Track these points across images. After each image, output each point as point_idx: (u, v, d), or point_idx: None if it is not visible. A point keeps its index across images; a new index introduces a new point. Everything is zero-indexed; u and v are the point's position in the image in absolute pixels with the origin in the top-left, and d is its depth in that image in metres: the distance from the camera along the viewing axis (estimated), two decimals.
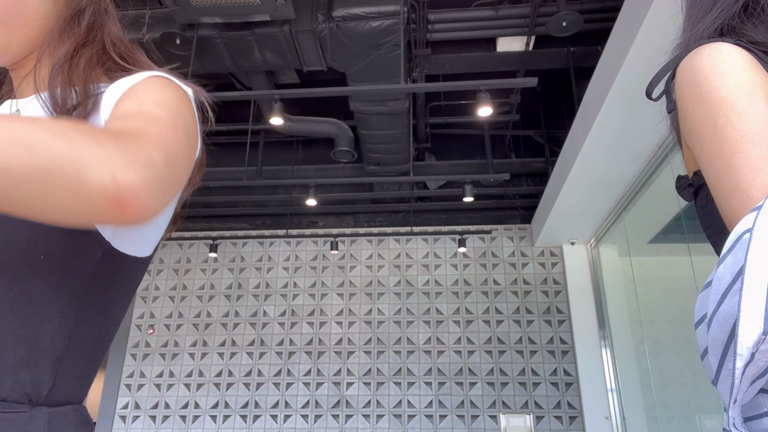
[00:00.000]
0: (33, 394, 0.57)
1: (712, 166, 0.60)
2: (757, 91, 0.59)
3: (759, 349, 0.47)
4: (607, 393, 4.89)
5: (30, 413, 0.56)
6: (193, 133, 0.66)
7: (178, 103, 0.66)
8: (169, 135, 0.58)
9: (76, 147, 0.46)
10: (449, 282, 5.50)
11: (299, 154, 5.72)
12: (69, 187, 0.46)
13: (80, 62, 0.71)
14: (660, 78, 0.73)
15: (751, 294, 0.47)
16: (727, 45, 0.64)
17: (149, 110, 0.61)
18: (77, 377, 0.63)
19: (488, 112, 3.25)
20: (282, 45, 3.68)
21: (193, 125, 0.68)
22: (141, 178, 0.49)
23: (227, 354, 5.45)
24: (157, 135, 0.56)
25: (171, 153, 0.56)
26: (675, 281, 4.00)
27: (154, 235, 0.72)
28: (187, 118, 0.66)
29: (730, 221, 0.58)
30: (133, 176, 0.48)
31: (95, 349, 0.66)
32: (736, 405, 0.50)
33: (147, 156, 0.51)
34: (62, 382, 0.60)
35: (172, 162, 0.56)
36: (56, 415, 0.58)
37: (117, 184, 0.47)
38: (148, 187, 0.50)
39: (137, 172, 0.49)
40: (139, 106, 0.61)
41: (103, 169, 0.47)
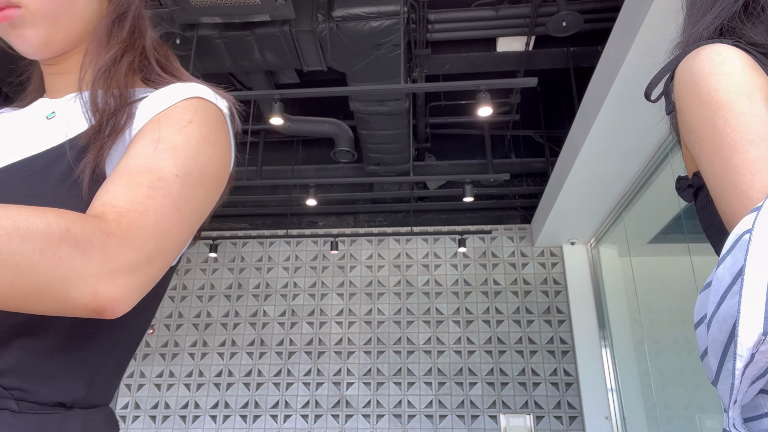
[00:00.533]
0: (68, 400, 0.58)
1: (711, 167, 0.60)
2: (755, 92, 0.60)
3: (759, 349, 0.47)
4: (607, 393, 4.89)
5: (65, 415, 0.57)
6: (213, 168, 0.65)
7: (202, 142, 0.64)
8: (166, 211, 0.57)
9: (63, 266, 0.48)
10: (449, 282, 5.50)
11: (299, 154, 5.72)
12: (53, 302, 0.49)
13: (122, 67, 0.71)
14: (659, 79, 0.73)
15: (751, 295, 0.47)
16: (726, 46, 0.64)
17: (160, 167, 0.59)
18: (108, 381, 0.65)
19: (488, 112, 3.25)
20: (282, 45, 3.68)
21: (220, 157, 0.66)
22: (122, 289, 0.51)
23: (227, 354, 5.45)
24: (151, 221, 0.55)
25: (164, 240, 0.56)
26: (675, 281, 4.00)
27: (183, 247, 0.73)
28: (210, 154, 0.64)
29: (730, 222, 0.58)
30: (114, 289, 0.51)
31: (125, 354, 0.68)
32: (736, 405, 0.50)
33: (131, 259, 0.52)
34: (95, 386, 0.62)
35: (164, 250, 0.56)
36: (89, 417, 0.60)
37: (97, 298, 0.50)
38: (128, 293, 0.52)
39: (118, 283, 0.51)
40: (151, 160, 0.60)
41: (86, 286, 0.49)
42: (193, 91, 0.68)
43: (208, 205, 0.65)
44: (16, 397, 0.54)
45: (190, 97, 0.67)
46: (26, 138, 0.68)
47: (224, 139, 0.68)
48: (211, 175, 0.64)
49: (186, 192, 0.60)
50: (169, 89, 0.68)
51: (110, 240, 0.51)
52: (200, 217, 0.64)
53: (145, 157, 0.60)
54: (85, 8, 0.70)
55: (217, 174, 0.65)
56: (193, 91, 0.68)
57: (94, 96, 0.67)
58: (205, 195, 0.63)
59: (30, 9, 0.65)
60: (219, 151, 0.66)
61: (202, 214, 0.64)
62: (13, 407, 0.54)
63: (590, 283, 5.26)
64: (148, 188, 0.57)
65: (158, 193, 0.57)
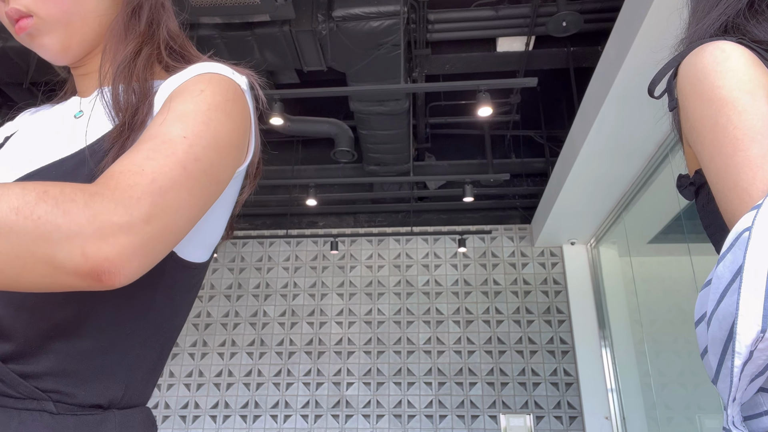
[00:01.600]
0: (105, 401, 0.58)
1: (712, 164, 0.60)
2: (758, 89, 0.59)
3: (757, 347, 0.47)
4: (607, 393, 4.89)
5: (102, 416, 0.57)
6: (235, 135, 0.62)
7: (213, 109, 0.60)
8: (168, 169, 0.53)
9: (42, 225, 0.45)
10: (449, 282, 5.50)
11: (299, 154, 5.72)
12: (42, 268, 0.45)
13: (141, 61, 0.69)
14: (662, 76, 0.73)
15: (750, 292, 0.47)
16: (730, 43, 0.64)
17: (163, 133, 0.56)
18: (145, 380, 0.64)
19: (488, 112, 3.25)
20: (282, 45, 3.68)
21: (233, 125, 0.62)
22: (115, 248, 0.47)
23: (227, 354, 5.45)
24: (148, 179, 0.51)
25: (165, 198, 0.51)
26: (675, 281, 4.00)
27: (213, 240, 0.72)
28: (219, 125, 0.60)
29: (731, 220, 0.58)
30: (107, 248, 0.46)
31: (161, 354, 0.67)
32: (735, 403, 0.50)
33: (124, 219, 0.48)
34: (131, 386, 0.62)
35: (166, 208, 0.51)
36: (126, 417, 0.60)
37: (87, 258, 0.46)
38: (125, 255, 0.47)
39: (111, 242, 0.46)
40: (156, 129, 0.57)
41: (73, 245, 0.45)
42: (208, 67, 0.66)
43: (223, 172, 0.60)
44: (54, 399, 0.55)
45: (204, 72, 0.65)
46: (56, 138, 0.68)
47: (241, 111, 0.64)
48: (225, 141, 0.60)
49: (195, 152, 0.56)
50: (185, 71, 0.67)
51: (95, 198, 0.48)
52: (215, 181, 0.58)
53: (153, 128, 0.58)
54: (97, 6, 0.70)
55: (231, 142, 0.61)
56: (208, 68, 0.66)
57: (115, 93, 0.66)
58: (219, 159, 0.58)
59: (41, 17, 0.66)
60: (234, 121, 0.62)
61: (217, 179, 0.58)
62: (51, 409, 0.54)
63: (590, 283, 5.26)
64: (149, 150, 0.54)
65: (160, 153, 0.53)
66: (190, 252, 0.67)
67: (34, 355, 0.55)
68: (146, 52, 0.71)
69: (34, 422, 0.53)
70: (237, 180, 0.71)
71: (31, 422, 0.53)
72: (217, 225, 0.72)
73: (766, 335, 0.46)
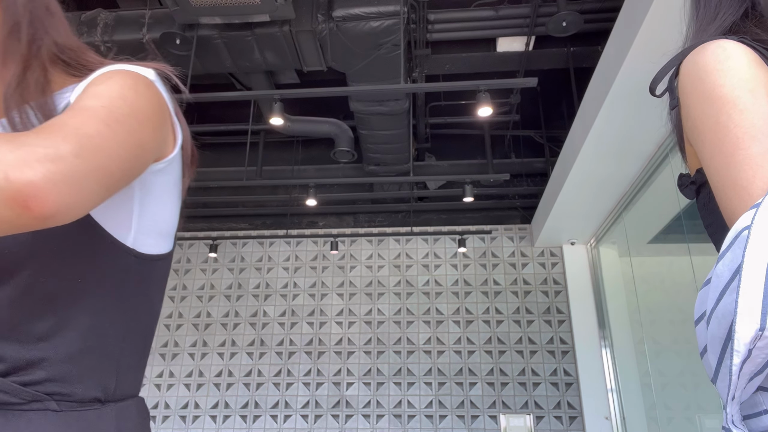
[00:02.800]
0: (102, 395, 0.64)
1: (713, 162, 0.61)
2: (759, 88, 0.60)
3: (756, 345, 0.47)
4: (607, 393, 4.89)
5: (100, 410, 0.63)
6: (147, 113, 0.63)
7: (123, 89, 0.62)
8: (91, 123, 0.55)
9: None
10: (449, 282, 5.50)
11: (299, 154, 5.72)
12: None
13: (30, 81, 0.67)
14: (663, 74, 0.73)
15: (749, 291, 0.47)
16: (731, 42, 0.64)
17: (78, 106, 0.58)
18: (133, 371, 0.70)
19: (488, 112, 3.25)
20: (282, 45, 3.68)
21: (153, 105, 0.65)
22: (40, 174, 0.48)
23: (227, 354, 5.45)
24: (72, 127, 0.53)
25: (91, 140, 0.53)
26: (675, 281, 4.00)
27: (168, 227, 0.74)
28: (135, 100, 0.62)
29: (730, 218, 0.58)
30: (30, 173, 0.47)
31: (144, 344, 0.72)
32: (734, 402, 0.50)
33: (50, 150, 0.49)
34: (123, 379, 0.67)
35: (94, 149, 0.53)
36: (122, 410, 0.66)
37: (10, 182, 0.46)
38: (52, 180, 0.48)
39: (35, 168, 0.48)
40: (72, 108, 0.58)
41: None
42: (111, 67, 0.68)
43: (148, 139, 0.62)
44: (56, 399, 0.60)
45: (105, 72, 0.66)
46: None
47: (153, 95, 0.66)
48: (142, 114, 0.62)
49: (115, 116, 0.58)
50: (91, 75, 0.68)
51: (20, 137, 0.49)
52: (140, 144, 0.60)
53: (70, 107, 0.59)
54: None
55: (149, 116, 0.63)
56: (112, 67, 0.67)
57: (12, 121, 0.64)
58: (140, 126, 0.60)
59: None
60: (148, 100, 0.64)
61: (141, 142, 0.60)
62: (54, 407, 0.60)
63: (590, 283, 5.26)
64: (68, 116, 0.56)
65: (81, 114, 0.56)
66: (147, 244, 0.70)
67: (28, 368, 0.60)
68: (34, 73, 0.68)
69: (41, 420, 0.58)
70: (175, 167, 0.73)
71: (37, 420, 0.58)
72: (166, 212, 0.73)
73: (764, 333, 0.46)
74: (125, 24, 3.69)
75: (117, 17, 3.72)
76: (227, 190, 5.70)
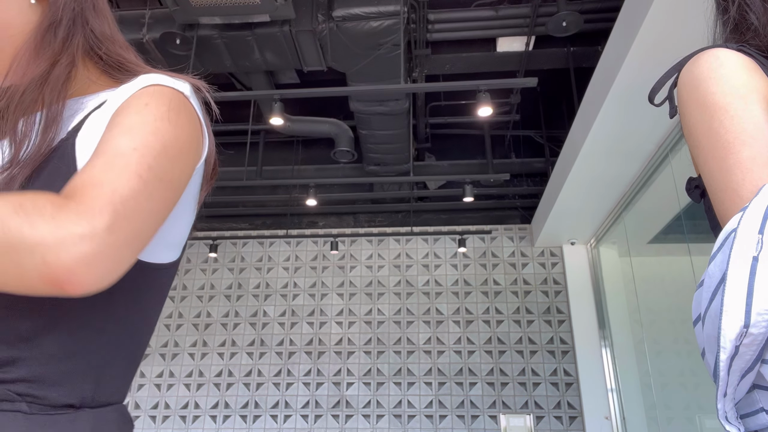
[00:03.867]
0: (76, 401, 0.61)
1: (707, 167, 0.63)
2: (751, 94, 0.61)
3: (742, 342, 0.48)
4: (607, 393, 4.89)
5: (75, 415, 0.60)
6: (182, 140, 0.64)
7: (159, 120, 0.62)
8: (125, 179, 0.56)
9: (12, 236, 0.48)
10: (449, 282, 5.51)
11: (299, 154, 5.72)
12: (13, 274, 0.49)
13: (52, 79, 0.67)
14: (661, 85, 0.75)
15: (734, 289, 0.49)
16: (725, 50, 0.66)
17: (114, 146, 0.58)
18: (117, 379, 0.67)
19: (488, 112, 3.25)
20: (282, 45, 3.68)
21: (186, 132, 0.65)
22: (75, 257, 0.49)
23: (227, 354, 5.45)
24: (107, 190, 0.54)
25: (126, 206, 0.54)
26: (675, 281, 4.00)
27: (178, 239, 0.73)
28: (167, 131, 0.62)
29: (723, 221, 0.60)
30: (67, 258, 0.49)
31: (135, 354, 0.69)
32: (726, 398, 0.52)
33: (86, 230, 0.51)
34: (104, 387, 0.64)
35: (128, 215, 0.54)
36: (99, 416, 0.63)
37: (48, 266, 0.49)
38: (86, 261, 0.50)
39: (71, 251, 0.49)
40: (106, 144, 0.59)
41: (35, 254, 0.49)
42: (148, 80, 0.67)
43: (178, 176, 0.63)
44: (27, 401, 0.58)
45: (146, 86, 0.66)
46: None
47: (186, 116, 0.66)
48: (174, 149, 0.62)
49: (147, 161, 0.58)
50: (124, 88, 0.67)
51: (61, 211, 0.51)
52: (172, 187, 0.61)
53: (102, 144, 0.60)
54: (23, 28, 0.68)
55: (180, 148, 0.63)
56: (148, 80, 0.67)
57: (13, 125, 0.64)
58: (171, 165, 0.61)
59: None
60: (180, 128, 0.64)
61: (173, 184, 0.61)
62: (25, 409, 0.57)
63: (590, 283, 5.26)
64: (103, 164, 0.56)
65: (115, 166, 0.56)
66: (154, 253, 0.68)
67: (5, 365, 0.58)
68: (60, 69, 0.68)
69: (9, 422, 0.56)
70: (195, 181, 0.72)
71: (6, 422, 0.56)
72: (180, 225, 0.72)
73: (749, 330, 0.48)
74: (125, 24, 3.69)
75: (117, 17, 3.72)
76: (227, 190, 5.71)
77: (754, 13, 0.71)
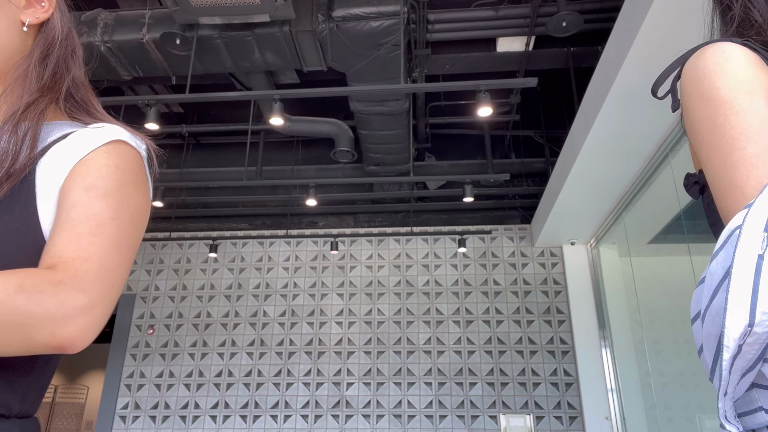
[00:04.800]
0: (6, 411, 0.67)
1: (710, 163, 0.61)
2: (757, 90, 0.60)
3: (746, 341, 0.48)
4: (607, 393, 4.89)
5: (7, 423, 0.67)
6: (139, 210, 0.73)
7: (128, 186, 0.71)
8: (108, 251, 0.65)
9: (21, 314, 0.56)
10: (449, 282, 5.50)
11: (299, 154, 5.72)
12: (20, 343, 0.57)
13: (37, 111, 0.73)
14: (665, 77, 0.74)
15: (738, 288, 0.48)
16: (731, 45, 0.65)
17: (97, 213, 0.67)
18: (36, 396, 0.74)
19: (488, 112, 3.25)
20: (282, 45, 3.68)
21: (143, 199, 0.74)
22: (78, 328, 0.59)
23: (227, 354, 5.45)
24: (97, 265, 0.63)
25: (111, 276, 0.65)
26: (675, 281, 4.00)
27: None
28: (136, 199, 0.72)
29: (726, 218, 0.59)
30: (71, 329, 0.59)
31: (49, 374, 0.77)
32: (727, 398, 0.51)
33: (85, 303, 0.60)
34: (29, 398, 0.71)
35: (112, 285, 0.65)
36: (24, 426, 0.70)
37: (56, 337, 0.58)
38: (85, 330, 0.60)
39: (74, 323, 0.59)
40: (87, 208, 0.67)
41: (44, 329, 0.57)
42: (113, 134, 0.74)
43: (138, 241, 0.73)
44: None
45: (113, 140, 0.73)
46: None
47: (145, 181, 0.76)
48: (137, 215, 0.73)
49: (122, 232, 0.69)
50: (93, 131, 0.73)
51: (59, 288, 0.59)
52: (134, 252, 0.73)
53: (82, 207, 0.67)
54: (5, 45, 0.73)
55: (141, 212, 0.74)
56: (113, 134, 0.73)
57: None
58: (135, 232, 0.72)
59: None
60: (142, 193, 0.74)
61: (135, 249, 0.72)
62: None
63: (590, 284, 5.26)
64: (89, 235, 0.65)
65: (99, 238, 0.66)
66: None
67: None
68: (43, 102, 0.75)
69: None
70: None
71: None
72: None
73: (753, 329, 0.47)
74: (125, 24, 3.69)
75: (117, 17, 3.72)
76: (227, 190, 5.71)
77: (758, 10, 0.71)
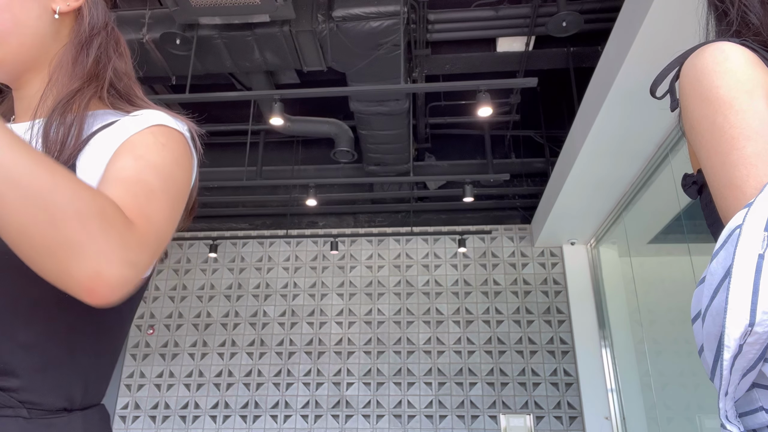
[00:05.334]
0: (69, 405, 0.68)
1: (709, 162, 0.61)
2: (756, 89, 0.60)
3: (746, 341, 0.48)
4: (607, 393, 4.89)
5: (69, 417, 0.67)
6: (184, 190, 0.73)
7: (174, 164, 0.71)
8: (162, 215, 0.65)
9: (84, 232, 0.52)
10: (449, 282, 5.50)
11: (299, 154, 5.72)
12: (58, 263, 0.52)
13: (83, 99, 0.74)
14: (663, 77, 0.74)
15: (739, 287, 0.48)
16: (730, 44, 0.65)
17: (148, 181, 0.66)
18: (99, 383, 0.74)
19: (488, 112, 3.25)
20: (282, 45, 3.68)
21: (187, 180, 0.74)
22: (121, 279, 0.54)
23: (227, 354, 5.45)
24: (155, 224, 0.63)
25: (161, 237, 0.64)
26: (675, 281, 4.00)
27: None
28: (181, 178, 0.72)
29: (726, 217, 0.58)
30: (116, 274, 0.54)
31: (112, 357, 0.77)
32: (727, 398, 0.51)
33: (139, 254, 0.58)
34: (89, 389, 0.71)
35: (159, 245, 0.63)
36: (87, 417, 0.70)
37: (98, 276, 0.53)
38: (123, 283, 0.55)
39: (121, 271, 0.54)
40: (139, 173, 0.66)
41: (91, 261, 0.52)
42: (155, 119, 0.74)
43: (179, 215, 0.73)
44: (27, 407, 0.64)
45: (158, 124, 0.73)
46: None
47: (189, 162, 0.76)
48: (182, 191, 0.73)
49: (170, 204, 0.68)
50: (136, 118, 0.73)
51: (129, 232, 0.57)
52: (176, 224, 0.72)
53: (133, 170, 0.66)
54: (37, 31, 0.73)
55: (185, 190, 0.74)
56: (156, 119, 0.73)
57: (47, 128, 0.70)
58: (180, 207, 0.72)
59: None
60: (186, 172, 0.74)
61: (177, 221, 0.72)
62: (25, 414, 0.64)
63: (590, 284, 5.26)
64: (146, 199, 0.64)
65: (155, 205, 0.65)
66: None
67: (6, 375, 0.64)
68: (89, 91, 0.75)
69: (11, 426, 0.62)
70: None
71: (8, 426, 0.62)
72: None
73: (754, 329, 0.47)
74: (125, 24, 3.69)
75: (117, 17, 3.72)
76: (227, 190, 5.70)
77: (754, 13, 0.71)
